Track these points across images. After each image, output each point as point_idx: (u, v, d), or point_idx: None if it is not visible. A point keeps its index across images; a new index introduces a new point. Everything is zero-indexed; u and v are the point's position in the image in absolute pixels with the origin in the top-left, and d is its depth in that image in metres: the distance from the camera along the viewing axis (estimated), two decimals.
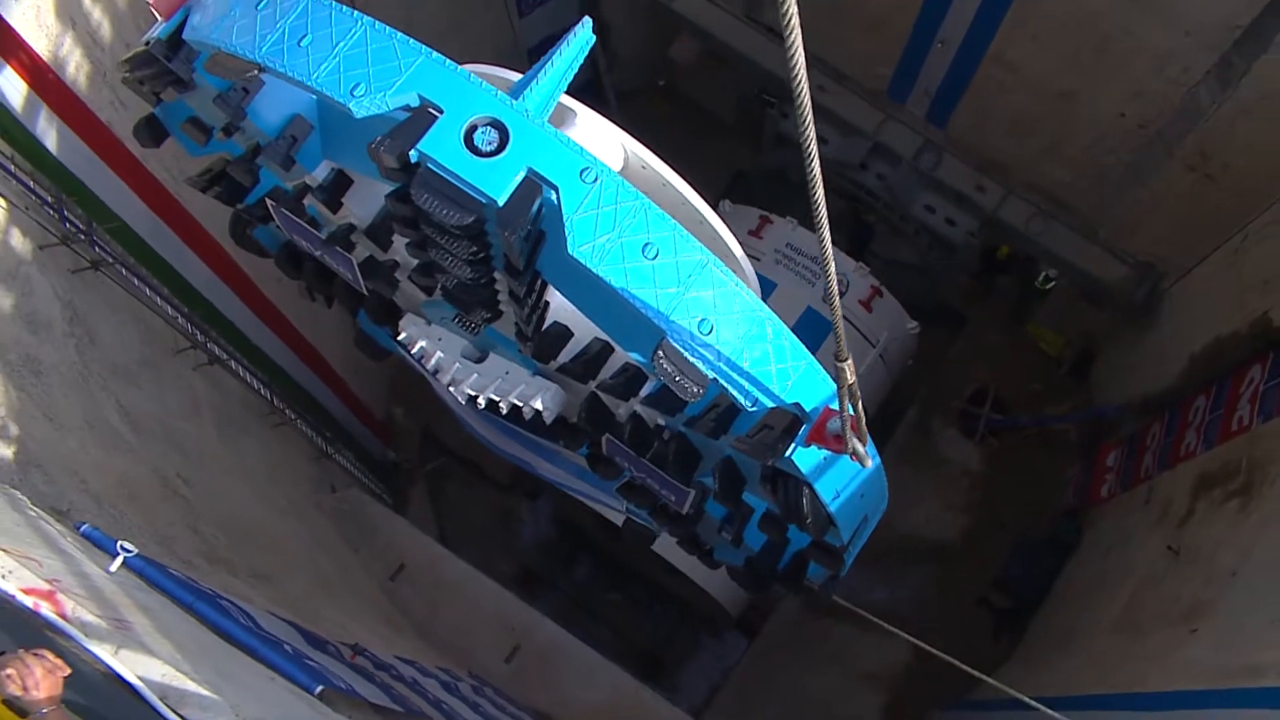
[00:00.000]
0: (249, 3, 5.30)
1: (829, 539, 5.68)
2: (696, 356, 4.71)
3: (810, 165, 3.25)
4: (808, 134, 3.18)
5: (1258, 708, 8.62)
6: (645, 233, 4.71)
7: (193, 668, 4.42)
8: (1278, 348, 12.24)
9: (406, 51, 4.94)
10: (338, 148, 6.03)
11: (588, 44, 5.27)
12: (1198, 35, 12.09)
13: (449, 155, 4.70)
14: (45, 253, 8.24)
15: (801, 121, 3.15)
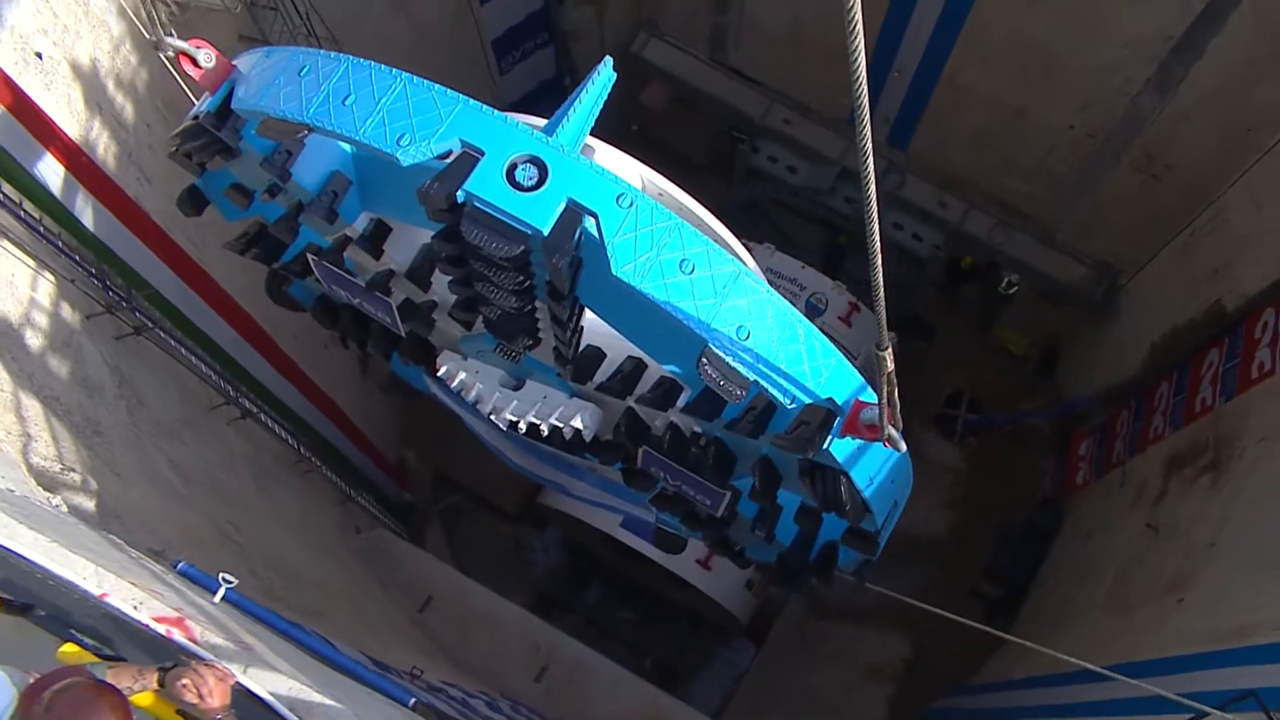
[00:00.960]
0: (291, 70, 5.37)
1: (864, 525, 5.75)
2: (738, 361, 4.80)
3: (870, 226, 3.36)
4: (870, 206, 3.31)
5: (1253, 664, 8.68)
6: (681, 250, 4.80)
7: (308, 683, 4.47)
8: (1232, 332, 12.42)
9: (445, 101, 5.03)
10: (376, 199, 6.09)
11: (610, 81, 5.38)
12: (1136, 48, 12.34)
13: (494, 192, 4.78)
14: (92, 321, 8.30)
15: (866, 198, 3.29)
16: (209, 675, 3.89)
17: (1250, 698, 7.67)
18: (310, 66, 5.33)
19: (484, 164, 4.83)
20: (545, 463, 8.55)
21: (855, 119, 3.31)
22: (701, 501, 6.35)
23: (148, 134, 9.63)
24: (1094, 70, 12.81)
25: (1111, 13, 12.02)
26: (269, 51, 5.72)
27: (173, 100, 9.87)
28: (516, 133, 4.92)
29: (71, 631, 4.30)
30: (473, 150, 4.88)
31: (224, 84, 5.72)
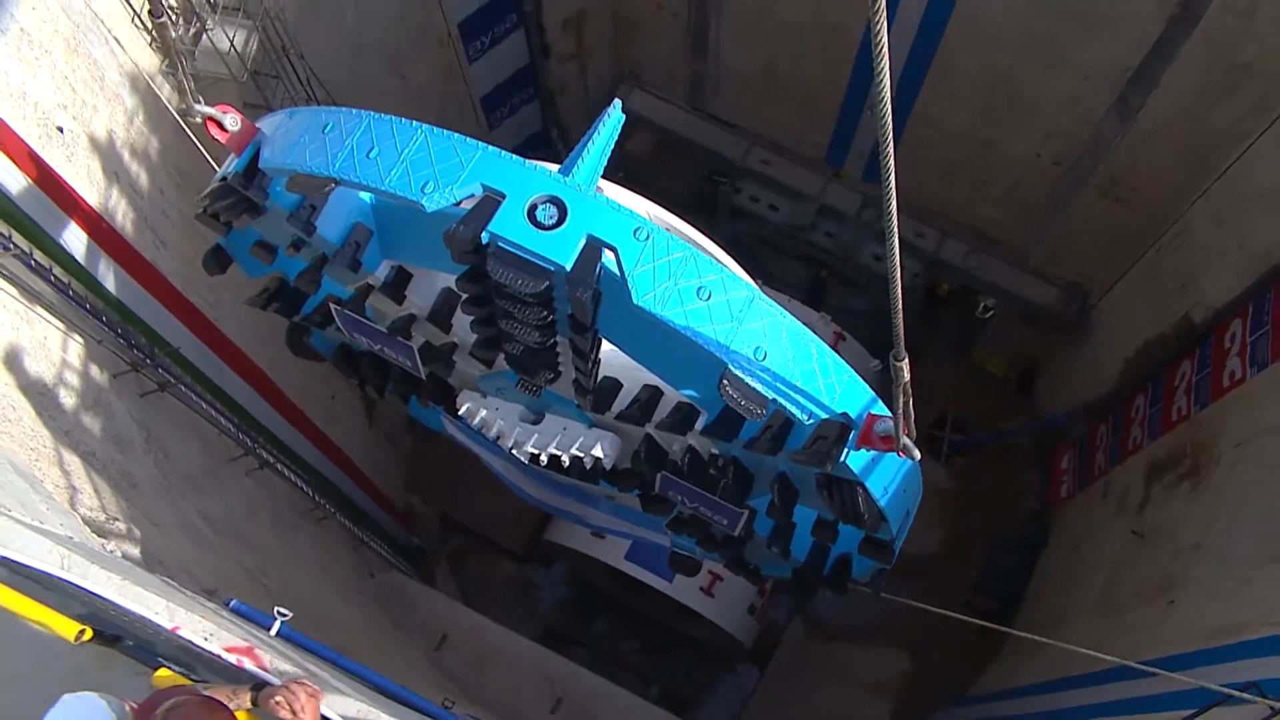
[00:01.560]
0: (315, 129, 5.47)
1: (880, 534, 5.82)
2: (757, 381, 4.88)
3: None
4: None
5: (1248, 659, 8.74)
6: (697, 278, 4.90)
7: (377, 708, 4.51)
8: (1202, 343, 12.57)
9: (465, 148, 5.13)
10: (397, 247, 6.18)
11: (620, 122, 5.50)
12: (1095, 79, 12.57)
13: (517, 232, 4.88)
14: (119, 380, 8.36)
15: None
16: (300, 692, 3.94)
17: (1252, 688, 7.71)
18: (333, 124, 5.42)
19: (506, 206, 4.93)
20: (562, 494, 8.60)
21: (881, 172, 3.38)
22: (719, 522, 6.42)
23: (162, 200, 9.74)
24: (1057, 101, 13.03)
25: (1071, 47, 12.25)
26: (291, 113, 5.83)
27: (185, 168, 10.01)
28: (535, 174, 5.03)
29: (159, 659, 4.36)
30: (494, 194, 4.98)
31: (249, 145, 5.81)
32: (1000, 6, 12.22)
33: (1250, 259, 11.73)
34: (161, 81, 9.62)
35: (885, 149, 3.30)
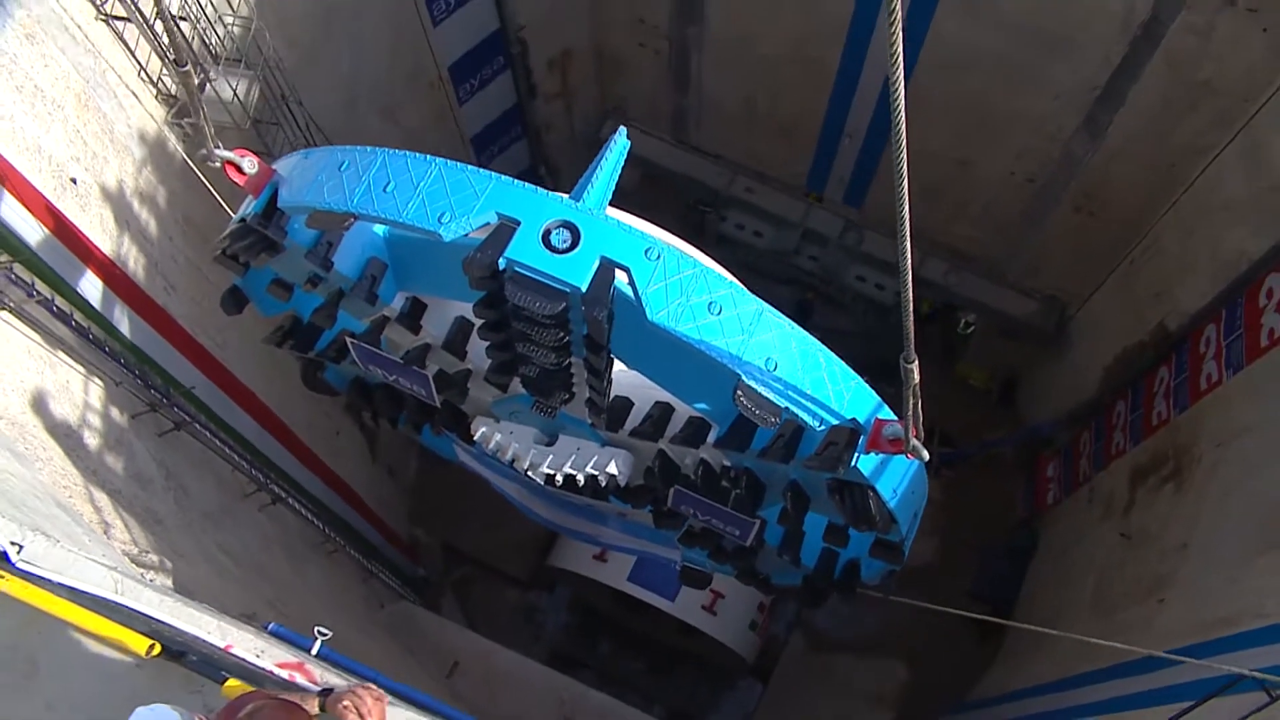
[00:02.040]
0: (331, 167, 5.53)
1: (890, 536, 5.88)
2: (770, 390, 4.96)
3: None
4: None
5: (1242, 650, 8.80)
6: (708, 293, 4.98)
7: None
8: (1178, 349, 12.69)
9: (479, 179, 5.21)
10: (411, 279, 6.25)
11: (625, 148, 5.59)
12: (1065, 98, 12.75)
13: (534, 256, 4.96)
14: (138, 420, 8.40)
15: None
16: (367, 696, 3.97)
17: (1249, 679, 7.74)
18: (349, 162, 5.50)
19: (521, 232, 5.00)
20: (575, 514, 8.64)
21: (895, 197, 3.52)
22: (731, 533, 6.47)
23: (170, 247, 9.82)
24: (1028, 121, 13.20)
25: (1040, 69, 12.42)
26: (306, 153, 5.90)
27: (191, 216, 10.11)
28: (548, 201, 5.11)
29: (223, 673, 4.40)
30: (509, 221, 5.05)
31: (266, 186, 5.87)
32: (971, 32, 12.38)
33: (1221, 266, 11.86)
34: (167, 133, 9.74)
35: (900, 177, 3.37)
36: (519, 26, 14.47)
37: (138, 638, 4.30)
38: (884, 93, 13.60)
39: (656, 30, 14.87)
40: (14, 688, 4.48)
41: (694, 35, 14.64)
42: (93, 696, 4.49)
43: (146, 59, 9.31)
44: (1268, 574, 9.15)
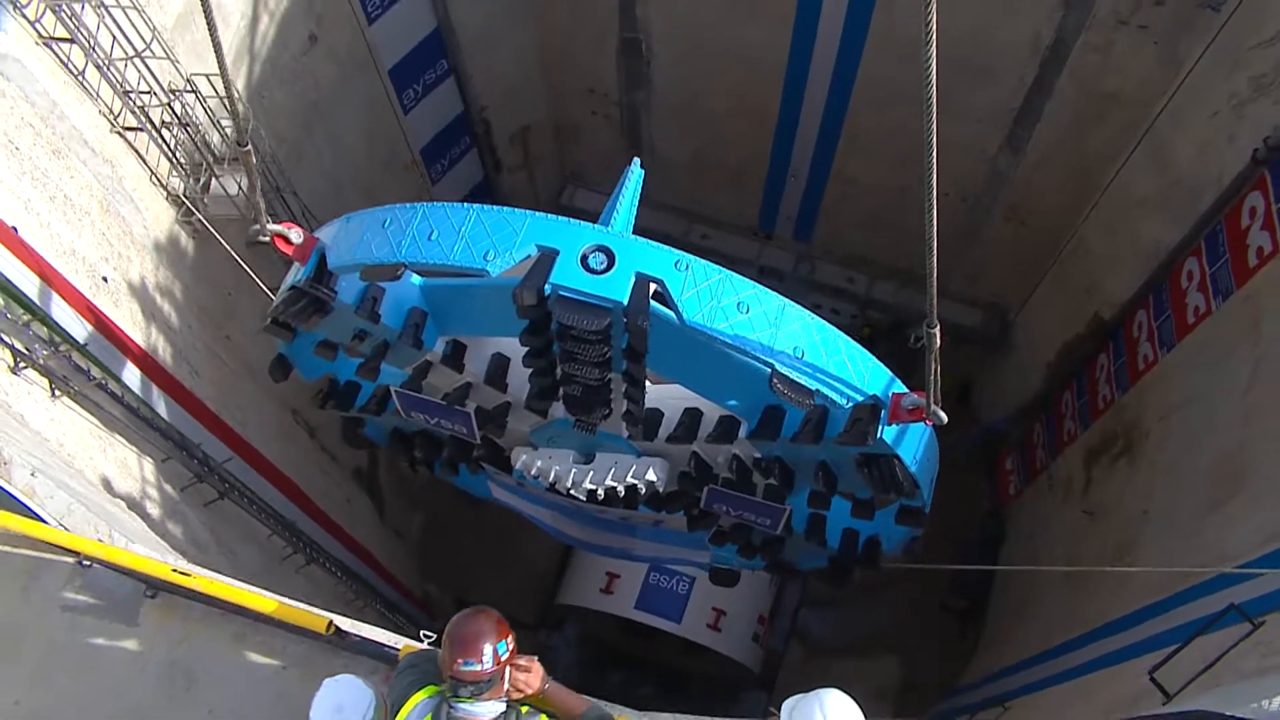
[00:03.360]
0: (375, 225, 5.76)
1: (914, 501, 6.15)
2: (801, 375, 5.24)
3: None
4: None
5: (1212, 593, 9.06)
6: (735, 294, 5.27)
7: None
8: (1114, 336, 13.12)
9: (515, 218, 5.47)
10: (449, 323, 6.44)
11: (640, 177, 5.91)
12: (987, 121, 13.26)
13: (576, 279, 5.22)
14: (186, 491, 8.52)
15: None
16: (533, 667, 4.22)
17: (1232, 610, 7.98)
18: (391, 219, 5.74)
19: (561, 260, 5.27)
20: (608, 530, 8.81)
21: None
22: (762, 523, 6.71)
23: (190, 335, 10.00)
24: (956, 145, 13.64)
25: (963, 97, 12.90)
26: (347, 218, 6.12)
27: (205, 305, 10.33)
28: (582, 229, 5.39)
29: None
30: (548, 251, 5.31)
31: (312, 253, 6.08)
32: (896, 68, 12.84)
33: (1143, 257, 12.30)
34: (178, 231, 9.95)
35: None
36: (481, 108, 14.83)
37: (319, 618, 4.49)
38: (822, 131, 14.12)
39: (607, 98, 15.27)
40: (179, 698, 4.76)
41: (642, 99, 15.04)
42: (245, 700, 4.74)
43: (156, 164, 9.53)
44: (1222, 527, 9.46)
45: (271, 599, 4.62)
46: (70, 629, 5.34)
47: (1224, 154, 10.99)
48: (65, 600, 5.41)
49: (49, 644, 5.33)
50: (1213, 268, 11.19)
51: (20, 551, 5.54)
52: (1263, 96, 10.59)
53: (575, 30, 14.38)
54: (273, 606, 4.74)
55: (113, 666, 5.18)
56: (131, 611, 5.38)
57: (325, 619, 4.68)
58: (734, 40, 13.44)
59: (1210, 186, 11.16)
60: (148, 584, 5.37)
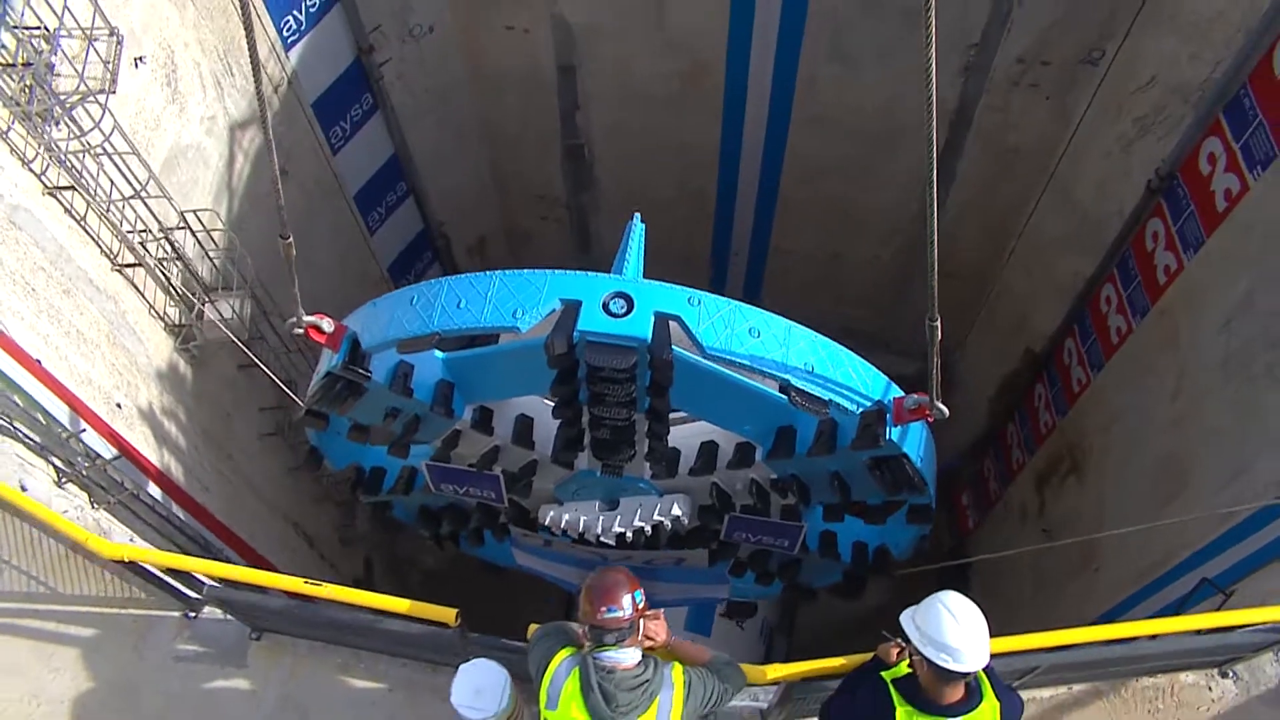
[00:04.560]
0: (403, 303, 5.95)
1: (921, 500, 6.39)
2: (814, 388, 5.51)
3: None
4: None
5: (1172, 582, 9.37)
6: (745, 322, 5.56)
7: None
8: (1047, 365, 13.60)
9: (535, 278, 5.71)
10: (474, 391, 6.58)
11: (643, 230, 6.22)
12: (903, 188, 13.83)
13: (602, 324, 5.45)
14: None
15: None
16: (657, 615, 4.35)
17: (1205, 584, 8.26)
18: (417, 295, 5.95)
19: (585, 309, 5.51)
20: None
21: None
22: (780, 545, 6.88)
23: (197, 454, 10.06)
24: (881, 209, 14.27)
25: (883, 164, 13.53)
26: (374, 303, 6.31)
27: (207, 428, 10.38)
28: (599, 280, 5.65)
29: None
30: (572, 302, 5.56)
31: (344, 340, 6.25)
32: (821, 144, 13.43)
33: (1063, 291, 12.85)
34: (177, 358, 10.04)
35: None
36: (440, 223, 15.16)
37: (448, 611, 4.59)
38: (759, 209, 14.62)
39: (557, 201, 15.68)
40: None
41: (589, 200, 15.47)
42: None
43: (153, 297, 9.67)
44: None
45: (401, 600, 4.73)
46: (184, 678, 5.46)
47: (1121, 189, 11.66)
48: (176, 651, 5.55)
49: (166, 695, 5.41)
50: (1127, 290, 11.76)
51: (128, 612, 5.68)
52: (1147, 134, 11.33)
53: (521, 142, 14.83)
54: (405, 606, 4.84)
55: (229, 708, 5.29)
56: (240, 655, 5.53)
57: (452, 611, 4.79)
58: (669, 134, 13.97)
59: (1114, 219, 11.79)
60: (253, 626, 5.61)
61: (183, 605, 5.81)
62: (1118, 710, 5.43)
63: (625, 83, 13.51)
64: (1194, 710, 5.37)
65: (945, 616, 4.08)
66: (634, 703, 4.04)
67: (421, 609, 4.85)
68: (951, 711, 4.10)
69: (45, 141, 8.27)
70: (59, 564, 5.94)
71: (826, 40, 12.20)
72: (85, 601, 5.79)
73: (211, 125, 10.66)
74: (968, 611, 4.12)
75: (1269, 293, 9.33)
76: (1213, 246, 10.29)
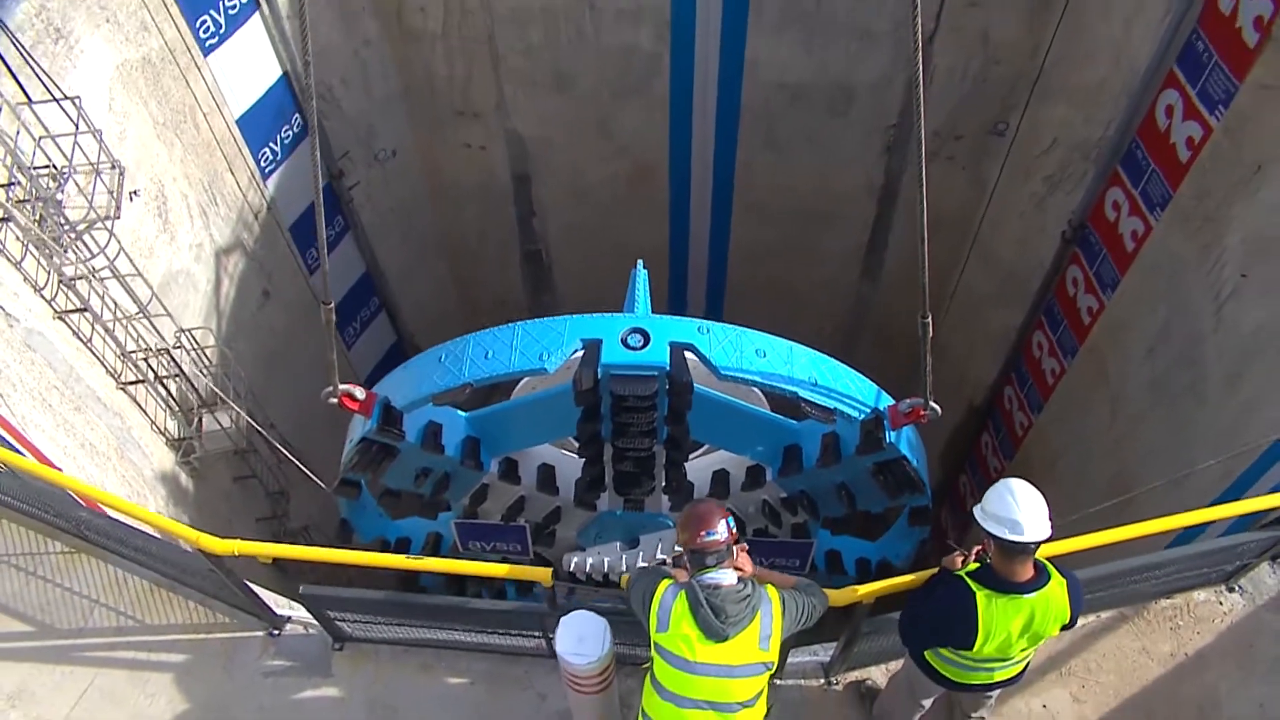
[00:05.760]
0: (432, 362, 6.24)
1: (920, 501, 6.68)
2: (822, 398, 5.85)
3: None
4: None
5: None
6: (751, 344, 5.93)
7: None
8: (991, 415, 14.09)
9: (555, 323, 6.05)
10: (499, 443, 6.81)
11: (645, 275, 6.59)
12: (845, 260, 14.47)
13: (623, 357, 5.78)
14: None
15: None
16: (744, 550, 4.52)
17: None
18: (446, 353, 6.23)
19: (606, 346, 5.84)
20: None
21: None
22: (791, 564, 7.09)
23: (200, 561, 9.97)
24: (823, 284, 14.80)
25: (820, 243, 14.12)
26: (404, 366, 6.58)
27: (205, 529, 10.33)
28: (615, 319, 6.01)
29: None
30: (593, 341, 5.87)
31: (375, 405, 6.46)
32: (761, 230, 14.01)
33: (996, 343, 13.42)
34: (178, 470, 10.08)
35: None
36: (411, 334, 15.40)
37: (543, 571, 4.72)
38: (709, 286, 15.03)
39: (518, 305, 15.97)
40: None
41: (549, 302, 15.82)
42: (445, 717, 4.88)
43: (154, 413, 9.77)
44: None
45: (499, 565, 4.87)
46: (274, 691, 5.56)
47: (1039, 243, 12.36)
48: (264, 668, 5.66)
49: (258, 709, 5.48)
50: (1056, 334, 12.36)
51: (215, 636, 5.78)
52: (1056, 191, 12.12)
53: (482, 253, 15.24)
54: (502, 570, 5.04)
55: (319, 715, 5.37)
56: (324, 665, 5.66)
57: (548, 570, 4.98)
58: (620, 235, 14.42)
59: (1036, 271, 12.46)
60: (336, 636, 5.86)
61: (266, 624, 5.95)
62: (1143, 631, 5.76)
63: (577, 187, 14.08)
64: (1210, 623, 5.75)
65: (1007, 496, 4.40)
66: (740, 615, 4.22)
67: (518, 571, 5.01)
68: (1024, 588, 4.35)
69: (55, 267, 8.48)
70: (144, 598, 6.07)
71: (760, 132, 12.91)
72: (173, 630, 5.92)
73: (199, 252, 10.91)
74: (1026, 490, 4.44)
75: (1182, 319, 9.97)
76: (1128, 284, 10.98)
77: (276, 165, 11.82)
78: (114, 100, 9.30)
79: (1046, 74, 11.59)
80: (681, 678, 4.30)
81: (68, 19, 8.62)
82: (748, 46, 12.11)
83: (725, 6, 11.69)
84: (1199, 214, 9.71)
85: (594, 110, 13.20)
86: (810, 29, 11.90)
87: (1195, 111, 9.39)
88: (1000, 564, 4.35)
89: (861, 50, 12.05)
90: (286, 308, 12.69)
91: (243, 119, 11.03)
